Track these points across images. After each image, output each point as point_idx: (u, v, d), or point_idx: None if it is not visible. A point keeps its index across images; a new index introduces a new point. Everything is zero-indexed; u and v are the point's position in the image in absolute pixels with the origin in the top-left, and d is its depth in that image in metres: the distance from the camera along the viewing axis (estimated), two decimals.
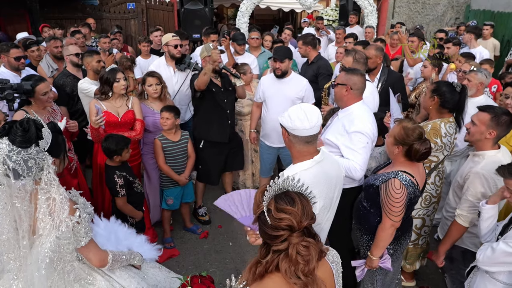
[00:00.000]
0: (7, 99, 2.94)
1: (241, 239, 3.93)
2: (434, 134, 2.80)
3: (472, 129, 2.55)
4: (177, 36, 4.28)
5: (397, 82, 4.12)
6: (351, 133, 2.54)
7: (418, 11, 11.02)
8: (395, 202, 2.19)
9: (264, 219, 1.32)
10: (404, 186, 2.20)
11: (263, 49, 5.79)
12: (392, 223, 2.23)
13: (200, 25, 6.71)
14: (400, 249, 2.52)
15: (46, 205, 1.67)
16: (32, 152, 1.64)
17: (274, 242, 1.32)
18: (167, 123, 3.49)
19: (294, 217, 1.29)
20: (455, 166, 3.67)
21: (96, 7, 9.14)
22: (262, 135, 4.13)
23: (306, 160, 2.02)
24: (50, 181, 1.68)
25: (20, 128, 1.64)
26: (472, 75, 3.62)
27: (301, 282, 1.29)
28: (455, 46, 5.69)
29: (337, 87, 2.70)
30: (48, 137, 1.74)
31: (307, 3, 7.97)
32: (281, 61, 3.66)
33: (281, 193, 1.37)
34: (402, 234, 2.46)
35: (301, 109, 1.98)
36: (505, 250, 1.99)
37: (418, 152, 2.21)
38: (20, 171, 1.61)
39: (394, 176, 2.23)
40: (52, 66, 4.98)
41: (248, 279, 1.36)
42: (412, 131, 2.23)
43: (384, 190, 2.25)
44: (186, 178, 3.66)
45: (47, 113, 3.20)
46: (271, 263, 1.33)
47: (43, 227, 1.68)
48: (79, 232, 1.75)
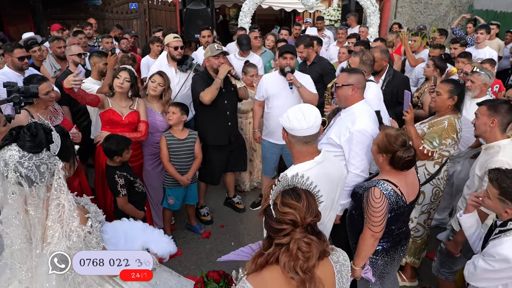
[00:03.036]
0: (13, 102, 2.96)
1: (243, 239, 3.94)
2: (452, 130, 2.88)
3: (476, 123, 2.68)
4: (179, 37, 4.28)
5: (402, 83, 4.10)
6: (352, 132, 2.56)
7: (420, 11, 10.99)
8: (374, 212, 2.12)
9: (270, 212, 1.36)
10: (384, 196, 2.12)
11: (264, 48, 5.80)
12: (372, 233, 2.14)
13: (202, 25, 6.72)
14: (393, 263, 2.42)
15: (56, 212, 1.62)
16: (43, 157, 1.59)
17: (277, 235, 1.36)
18: (172, 117, 3.50)
19: (298, 212, 1.34)
20: (459, 167, 3.67)
21: (98, 7, 9.17)
22: (265, 134, 4.13)
23: (307, 161, 2.02)
24: (60, 187, 1.62)
25: (28, 133, 1.58)
26: (475, 76, 3.61)
27: (299, 277, 1.32)
28: (462, 47, 5.57)
29: (342, 88, 2.69)
30: (58, 141, 1.68)
31: (309, 3, 7.97)
32: (292, 58, 3.71)
33: (289, 189, 1.41)
34: (393, 246, 2.37)
35: (299, 109, 2.01)
36: (485, 268, 1.95)
37: (401, 160, 2.13)
38: (33, 177, 1.56)
39: (374, 185, 2.16)
40: (55, 66, 4.99)
41: (250, 269, 1.41)
42: (395, 139, 2.16)
43: (366, 199, 2.19)
44: (188, 179, 3.64)
45: (49, 113, 3.20)
46: (272, 255, 1.37)
47: (51, 235, 1.64)
48: (91, 242, 1.70)
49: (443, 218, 4.04)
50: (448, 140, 2.87)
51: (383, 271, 2.39)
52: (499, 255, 1.89)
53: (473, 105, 3.46)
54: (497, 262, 1.90)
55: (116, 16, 9.14)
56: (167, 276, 2.24)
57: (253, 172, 4.78)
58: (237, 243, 3.88)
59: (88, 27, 6.52)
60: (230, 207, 4.49)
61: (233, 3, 12.41)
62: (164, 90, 3.68)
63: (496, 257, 1.90)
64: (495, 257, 1.90)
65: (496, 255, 1.90)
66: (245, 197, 4.70)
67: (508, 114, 2.57)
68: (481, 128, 2.65)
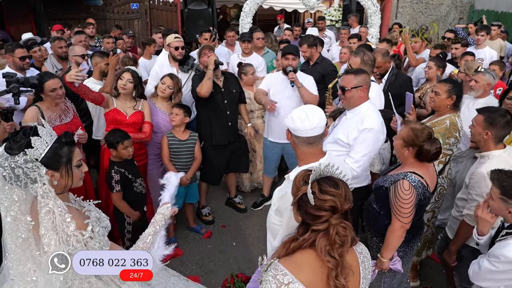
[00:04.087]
0: (12, 92, 2.97)
1: (244, 239, 3.94)
2: (454, 129, 2.90)
3: (472, 131, 2.67)
4: (180, 38, 4.28)
5: (405, 83, 4.08)
6: (362, 130, 2.60)
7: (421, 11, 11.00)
8: (404, 203, 2.17)
9: (306, 200, 1.40)
10: (413, 187, 2.18)
11: (266, 49, 5.82)
12: (402, 224, 2.21)
13: (203, 26, 6.72)
14: (410, 252, 2.50)
15: (47, 219, 1.60)
16: (18, 160, 1.57)
17: (315, 222, 1.40)
18: (175, 118, 3.53)
19: (338, 199, 1.38)
20: (461, 167, 3.67)
21: (100, 8, 9.18)
22: (266, 133, 4.14)
23: (311, 163, 2.02)
24: (47, 193, 1.60)
25: (23, 136, 1.59)
26: (480, 76, 3.61)
27: (335, 261, 1.37)
28: (464, 47, 5.55)
29: (351, 91, 2.69)
30: (42, 147, 1.62)
31: (310, 3, 7.96)
32: (294, 58, 3.73)
33: (325, 177, 1.45)
34: (413, 237, 2.44)
35: (303, 110, 2.01)
36: (489, 269, 1.97)
37: (429, 153, 2.19)
38: (7, 178, 1.57)
39: (403, 177, 2.21)
40: (57, 66, 4.99)
41: (280, 254, 1.45)
42: (421, 132, 2.22)
43: (393, 191, 2.23)
44: (187, 179, 3.66)
45: (60, 111, 3.19)
46: (307, 240, 1.41)
47: (47, 243, 1.62)
48: (94, 247, 1.69)
49: (445, 218, 4.03)
50: (452, 139, 2.89)
51: (402, 261, 2.43)
52: (504, 257, 1.91)
53: (476, 105, 3.46)
54: (502, 264, 1.92)
55: (117, 16, 9.15)
56: (174, 280, 2.23)
57: (253, 173, 4.77)
58: (238, 243, 3.88)
59: (90, 27, 6.53)
60: (231, 207, 4.49)
61: (234, 3, 12.41)
62: (174, 92, 3.72)
63: (501, 258, 1.92)
64: (500, 259, 1.92)
65: (501, 257, 1.92)
66: (247, 197, 4.69)
67: (504, 128, 2.53)
68: (475, 137, 2.65)
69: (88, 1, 9.35)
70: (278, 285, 1.37)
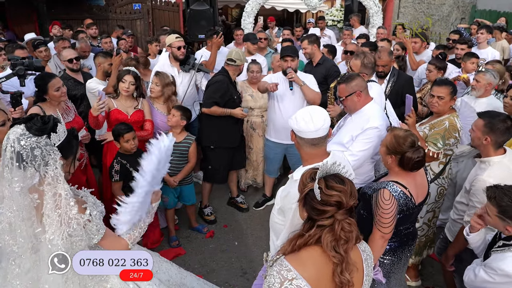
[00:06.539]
0: (18, 74, 3.05)
1: (246, 239, 3.95)
2: (453, 130, 2.92)
3: (472, 135, 2.63)
4: (181, 37, 4.30)
5: (407, 84, 4.08)
6: (366, 128, 2.62)
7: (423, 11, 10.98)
8: (384, 213, 2.10)
9: (313, 195, 1.43)
10: (394, 197, 2.10)
11: (269, 49, 5.87)
12: (382, 234, 2.13)
13: (205, 26, 6.74)
14: (399, 262, 2.40)
15: (52, 201, 1.70)
16: (41, 141, 1.67)
17: (321, 217, 1.42)
18: (171, 119, 3.56)
19: (344, 195, 1.41)
20: (461, 167, 3.67)
21: (102, 8, 9.20)
22: (269, 133, 4.16)
23: (316, 163, 2.03)
24: (57, 176, 1.70)
25: (40, 120, 1.70)
26: (481, 75, 3.60)
27: (340, 257, 1.39)
28: (469, 48, 5.49)
29: (346, 99, 2.71)
30: (62, 135, 1.77)
31: (312, 4, 7.98)
32: (293, 59, 3.74)
33: (331, 174, 1.49)
34: (400, 246, 2.36)
35: (307, 111, 2.02)
36: (485, 279, 1.97)
37: (410, 161, 2.11)
38: (24, 156, 1.64)
39: (384, 187, 2.14)
40: (60, 66, 5.02)
41: (286, 250, 1.47)
42: (404, 140, 2.14)
43: (375, 200, 2.17)
44: (175, 181, 3.60)
45: (61, 110, 3.22)
46: (313, 236, 1.44)
47: (49, 223, 1.70)
48: (91, 229, 1.78)
49: (445, 218, 4.03)
50: (451, 140, 2.90)
51: (390, 270, 2.39)
52: (501, 270, 1.92)
53: (477, 105, 3.47)
54: (498, 276, 1.93)
55: (120, 16, 9.16)
56: (167, 266, 2.31)
57: (248, 170, 4.76)
58: (240, 242, 3.89)
59: (93, 27, 6.55)
60: (233, 207, 4.50)
61: (236, 3, 12.42)
62: (163, 87, 3.72)
63: (498, 272, 1.93)
64: (497, 272, 1.93)
65: (498, 270, 1.93)
66: (248, 197, 4.71)
67: (504, 134, 2.48)
68: (475, 141, 2.61)
69: (90, 1, 9.38)
70: (282, 280, 1.40)
